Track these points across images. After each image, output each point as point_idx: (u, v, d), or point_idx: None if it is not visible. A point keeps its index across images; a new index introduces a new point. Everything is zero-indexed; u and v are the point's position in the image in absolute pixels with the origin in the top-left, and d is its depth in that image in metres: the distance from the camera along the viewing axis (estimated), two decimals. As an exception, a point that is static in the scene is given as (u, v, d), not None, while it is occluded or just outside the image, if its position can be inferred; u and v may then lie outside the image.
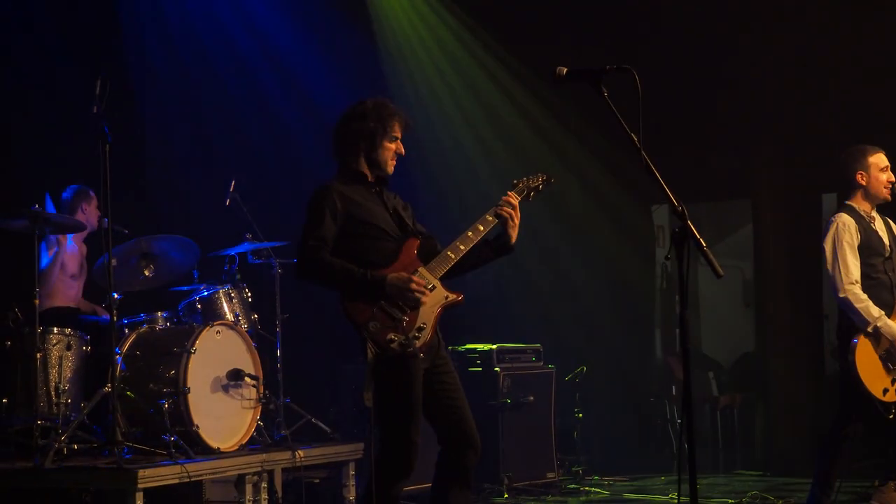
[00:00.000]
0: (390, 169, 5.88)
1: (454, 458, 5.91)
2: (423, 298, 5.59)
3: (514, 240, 5.86)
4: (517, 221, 5.82)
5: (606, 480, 10.50)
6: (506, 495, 9.70)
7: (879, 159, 7.19)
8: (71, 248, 9.02)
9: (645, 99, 4.75)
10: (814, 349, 11.24)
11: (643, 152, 4.80)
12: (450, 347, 9.87)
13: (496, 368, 10.05)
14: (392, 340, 5.48)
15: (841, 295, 7.01)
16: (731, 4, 10.77)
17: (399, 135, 5.87)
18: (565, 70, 5.00)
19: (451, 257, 5.74)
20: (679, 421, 10.04)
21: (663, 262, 11.43)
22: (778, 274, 11.12)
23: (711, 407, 11.88)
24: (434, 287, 5.66)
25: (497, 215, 5.81)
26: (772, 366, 11.26)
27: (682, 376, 4.92)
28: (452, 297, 5.72)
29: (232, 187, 8.94)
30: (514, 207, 5.82)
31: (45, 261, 8.86)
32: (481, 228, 5.79)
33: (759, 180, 11.40)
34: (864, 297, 6.97)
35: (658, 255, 12.11)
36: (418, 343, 5.54)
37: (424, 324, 5.58)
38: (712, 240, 9.87)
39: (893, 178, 7.18)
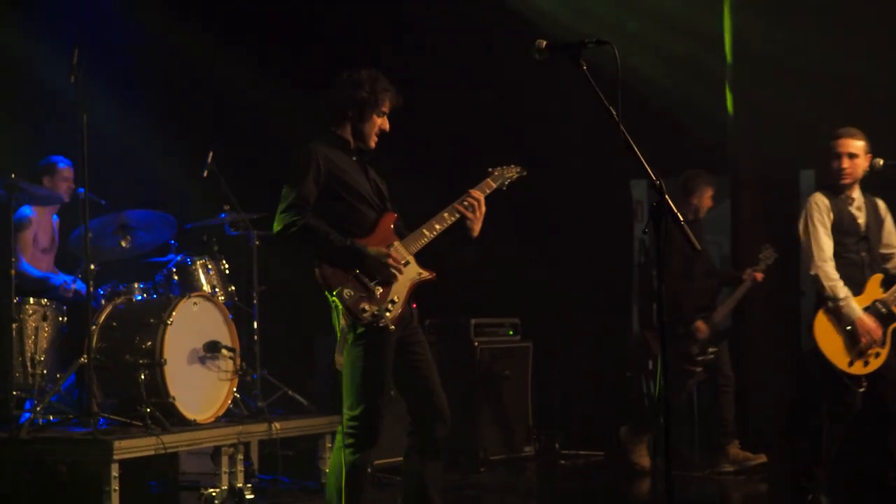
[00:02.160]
0: (373, 143, 5.90)
1: (424, 430, 5.97)
2: (398, 274, 5.66)
3: (475, 233, 5.91)
4: (480, 216, 5.89)
5: (583, 454, 10.53)
6: (482, 469, 9.73)
7: (837, 144, 7.23)
8: (44, 222, 8.97)
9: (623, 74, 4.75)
10: (791, 325, 11.26)
11: (621, 126, 4.80)
12: (427, 321, 10.00)
13: (474, 342, 10.08)
14: (365, 310, 5.54)
15: (812, 272, 7.14)
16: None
17: (387, 110, 5.88)
18: (545, 43, 4.99)
19: (426, 235, 5.81)
20: (656, 395, 10.05)
21: (641, 236, 11.40)
22: (755, 250, 11.13)
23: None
24: (408, 262, 5.73)
25: (460, 211, 5.87)
26: (748, 343, 11.28)
27: (658, 350, 4.95)
28: (425, 274, 5.82)
29: (209, 158, 8.90)
30: (479, 204, 5.89)
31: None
32: (455, 216, 5.86)
33: (736, 157, 11.40)
34: (836, 275, 7.06)
35: (636, 230, 12.09)
36: (390, 316, 5.60)
37: (397, 298, 5.65)
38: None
39: (845, 166, 7.20)
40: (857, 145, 7.20)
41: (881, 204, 7.39)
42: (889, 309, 7.10)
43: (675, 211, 4.76)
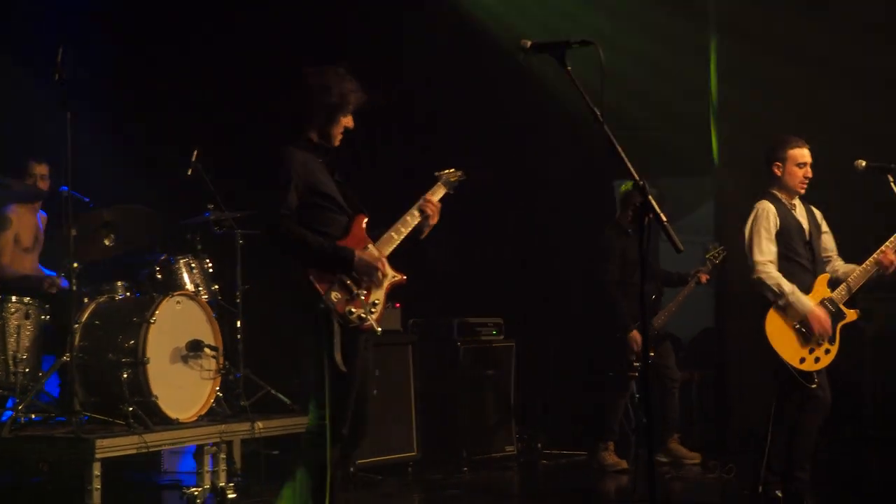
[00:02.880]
0: (337, 142, 5.98)
1: (352, 435, 5.92)
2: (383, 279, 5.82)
3: (425, 234, 6.12)
4: (435, 222, 6.10)
5: (566, 453, 10.56)
6: (465, 469, 9.74)
7: (798, 153, 7.26)
8: (26, 221, 8.91)
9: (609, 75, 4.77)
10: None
11: (605, 126, 4.81)
12: (411, 320, 10.02)
13: (457, 342, 10.09)
14: (352, 313, 5.63)
15: (754, 276, 7.20)
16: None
17: (353, 109, 5.95)
18: (529, 43, 5.00)
19: (394, 238, 5.98)
20: (638, 396, 10.09)
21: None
22: (738, 251, 11.15)
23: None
24: (387, 276, 5.90)
25: (421, 212, 6.06)
26: (731, 342, 11.31)
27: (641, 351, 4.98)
28: (398, 277, 5.95)
29: (194, 156, 8.88)
30: (437, 209, 6.08)
31: None
32: (416, 215, 6.05)
33: (719, 158, 11.43)
34: (777, 274, 7.14)
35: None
36: (373, 318, 5.71)
37: (378, 300, 5.79)
38: (673, 216, 9.87)
39: (810, 175, 7.25)
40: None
41: (817, 211, 7.45)
42: (837, 307, 7.18)
43: (659, 210, 4.77)
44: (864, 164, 7.24)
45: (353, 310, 5.64)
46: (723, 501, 8.19)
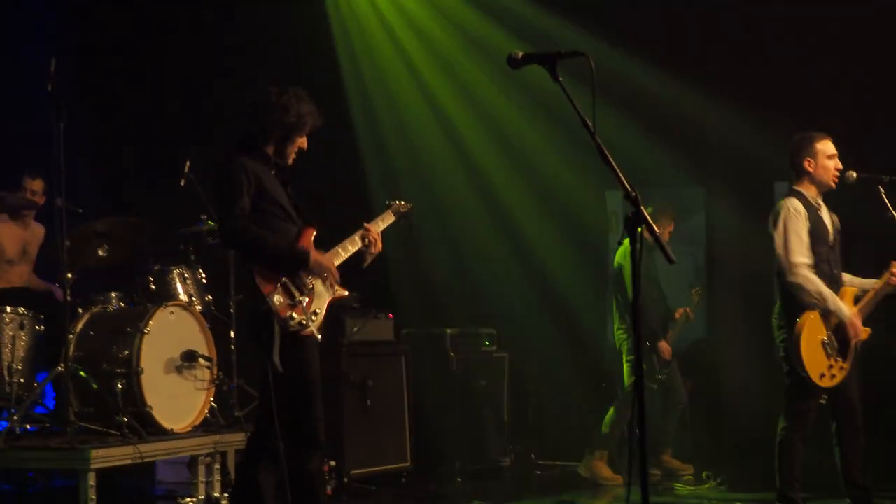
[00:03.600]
0: (291, 161, 6.15)
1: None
2: (318, 285, 5.96)
3: (366, 265, 6.30)
4: (377, 251, 6.26)
5: (559, 464, 10.57)
6: (458, 479, 9.74)
7: (827, 146, 7.20)
8: (3, 232, 8.86)
9: (600, 88, 4.78)
10: (764, 335, 11.28)
11: (596, 137, 4.82)
12: (404, 330, 10.03)
13: (450, 353, 10.09)
14: (292, 318, 5.76)
15: (792, 279, 7.02)
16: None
17: (308, 131, 6.13)
18: (521, 54, 5.02)
19: (341, 254, 6.15)
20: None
21: (616, 247, 11.45)
22: (730, 261, 11.20)
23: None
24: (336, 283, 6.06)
25: (363, 239, 6.24)
26: (723, 353, 11.35)
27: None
28: (342, 291, 6.10)
29: (187, 167, 8.89)
30: (377, 238, 6.26)
31: None
32: (357, 241, 6.23)
33: (712, 169, 11.47)
34: (817, 280, 7.00)
35: (611, 241, 12.13)
36: (314, 326, 5.84)
37: (319, 310, 5.92)
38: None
39: (840, 166, 7.20)
40: None
41: (836, 217, 7.38)
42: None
43: (651, 222, 4.78)
44: (855, 175, 7.22)
45: (295, 315, 5.76)
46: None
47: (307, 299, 5.85)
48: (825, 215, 7.23)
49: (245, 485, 6.05)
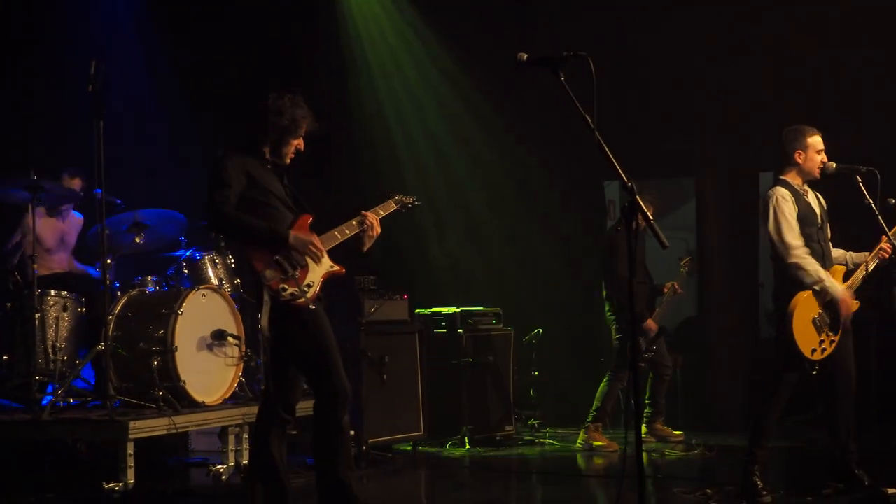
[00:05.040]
0: (288, 161, 6.15)
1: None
2: (313, 261, 5.92)
3: (365, 248, 6.27)
4: (375, 235, 6.22)
5: (559, 433, 10.58)
6: (467, 447, 9.76)
7: (817, 141, 7.21)
8: (41, 224, 8.83)
9: (601, 84, 4.77)
10: (750, 314, 11.31)
11: (596, 132, 4.81)
12: (417, 310, 10.04)
13: (459, 330, 10.11)
14: (285, 290, 5.76)
15: (790, 260, 6.97)
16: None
17: (304, 133, 6.14)
18: (525, 56, 5.01)
19: (338, 237, 6.13)
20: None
21: (613, 233, 11.44)
22: (719, 246, 11.18)
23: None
24: (323, 256, 5.98)
25: (360, 223, 6.20)
26: (712, 329, 11.33)
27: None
28: (336, 268, 6.07)
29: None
30: (374, 222, 6.22)
31: (15, 236, 8.81)
32: (354, 225, 6.19)
33: (702, 160, 11.45)
34: (812, 259, 6.98)
35: (608, 227, 12.12)
36: (308, 296, 5.82)
37: (312, 282, 5.89)
38: (659, 213, 9.88)
39: (826, 159, 7.21)
40: None
41: (822, 198, 7.37)
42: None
43: (646, 211, 4.78)
44: (834, 166, 7.21)
45: (287, 287, 5.77)
46: (705, 475, 8.19)
47: (299, 273, 5.84)
48: (812, 199, 7.22)
49: (259, 456, 6.09)
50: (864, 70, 10.04)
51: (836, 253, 7.33)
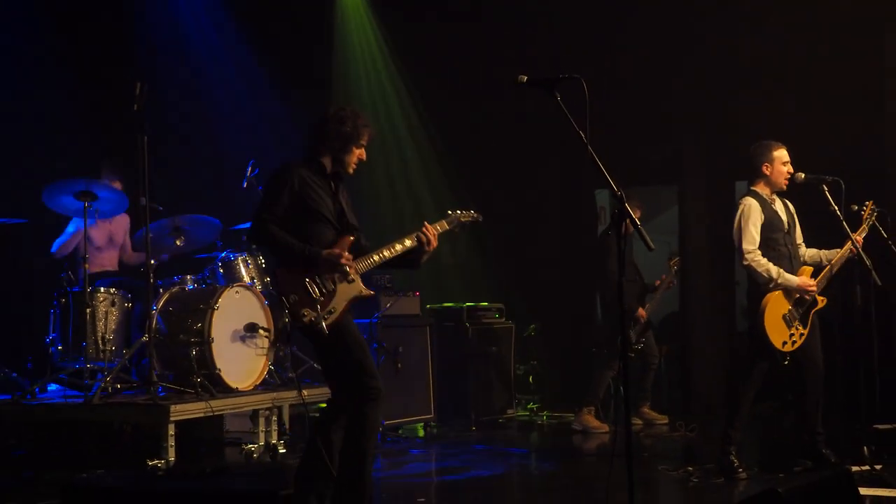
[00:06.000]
0: (351, 170, 5.78)
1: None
2: (340, 287, 5.54)
3: (421, 263, 5.83)
4: (431, 250, 5.77)
5: (556, 415, 10.61)
6: (473, 428, 9.80)
7: (782, 154, 7.23)
8: (91, 224, 8.82)
9: (592, 101, 4.79)
10: (727, 310, 11.32)
11: (589, 146, 4.84)
12: (428, 305, 10.07)
13: (466, 324, 10.14)
14: (305, 315, 5.43)
15: (745, 262, 7.06)
16: (662, 16, 10.82)
17: (365, 143, 5.77)
18: (525, 78, 5.02)
19: (375, 260, 5.70)
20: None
21: (603, 237, 11.45)
22: (699, 247, 11.19)
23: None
24: (353, 280, 5.61)
25: (418, 240, 5.75)
26: (693, 323, 11.34)
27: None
28: (366, 292, 5.66)
29: (249, 171, 8.91)
30: (433, 238, 5.77)
31: (65, 235, 8.81)
32: (407, 244, 5.75)
33: (684, 170, 11.46)
34: (765, 260, 7.02)
35: (600, 231, 12.14)
36: (326, 322, 5.45)
37: (334, 308, 5.51)
38: (645, 218, 9.91)
39: (792, 171, 7.23)
40: None
41: (791, 205, 7.39)
42: (813, 297, 7.10)
43: (634, 217, 4.82)
44: (802, 176, 7.22)
45: (307, 313, 5.42)
46: (687, 454, 8.22)
47: (324, 299, 5.48)
48: (779, 207, 7.25)
49: (315, 441, 5.64)
50: (838, 85, 10.00)
51: (811, 252, 7.35)
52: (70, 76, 10.03)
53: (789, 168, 7.21)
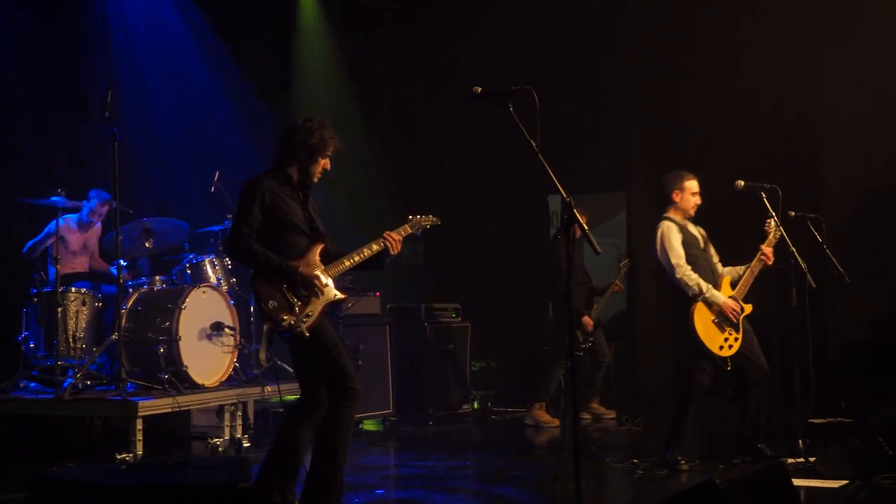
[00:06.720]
0: (316, 179, 5.74)
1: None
2: (319, 293, 5.54)
3: (385, 265, 5.83)
4: (395, 253, 5.77)
5: (509, 410, 10.61)
6: (430, 423, 9.79)
7: (692, 184, 7.32)
8: (66, 230, 8.68)
9: (542, 112, 4.79)
10: (672, 310, 11.35)
11: (540, 155, 4.85)
12: (388, 305, 10.04)
13: (424, 323, 10.12)
14: (284, 320, 5.41)
15: (677, 276, 7.11)
16: (609, 30, 10.85)
17: (331, 153, 5.73)
18: (479, 89, 5.02)
19: (346, 265, 5.70)
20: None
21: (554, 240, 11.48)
22: (646, 250, 11.22)
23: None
24: (328, 285, 5.60)
25: (384, 245, 5.74)
26: (639, 323, 11.39)
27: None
28: (340, 296, 5.66)
29: (216, 177, 8.87)
30: (397, 243, 5.77)
31: (38, 237, 8.70)
32: (374, 248, 5.74)
33: (631, 177, 11.51)
34: (695, 275, 7.08)
35: (552, 235, 12.16)
36: (304, 326, 5.44)
37: (311, 313, 5.49)
38: (594, 223, 9.93)
39: (699, 201, 7.29)
40: None
41: (701, 229, 7.44)
42: (740, 303, 7.14)
43: (582, 222, 4.83)
44: (742, 183, 7.25)
45: (286, 317, 5.41)
46: (633, 447, 8.23)
47: (300, 303, 5.47)
48: (692, 230, 7.35)
49: (281, 437, 5.63)
50: (779, 100, 10.08)
51: (725, 270, 7.38)
52: (41, 77, 9.95)
53: (697, 199, 7.31)
